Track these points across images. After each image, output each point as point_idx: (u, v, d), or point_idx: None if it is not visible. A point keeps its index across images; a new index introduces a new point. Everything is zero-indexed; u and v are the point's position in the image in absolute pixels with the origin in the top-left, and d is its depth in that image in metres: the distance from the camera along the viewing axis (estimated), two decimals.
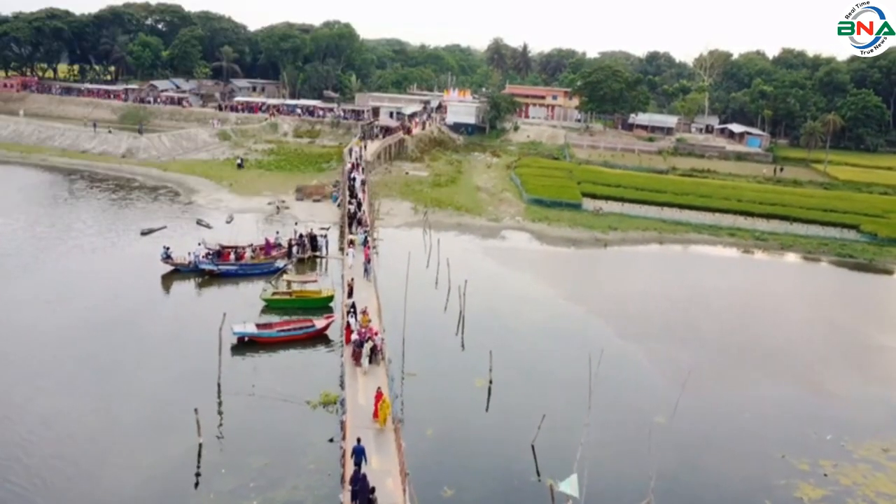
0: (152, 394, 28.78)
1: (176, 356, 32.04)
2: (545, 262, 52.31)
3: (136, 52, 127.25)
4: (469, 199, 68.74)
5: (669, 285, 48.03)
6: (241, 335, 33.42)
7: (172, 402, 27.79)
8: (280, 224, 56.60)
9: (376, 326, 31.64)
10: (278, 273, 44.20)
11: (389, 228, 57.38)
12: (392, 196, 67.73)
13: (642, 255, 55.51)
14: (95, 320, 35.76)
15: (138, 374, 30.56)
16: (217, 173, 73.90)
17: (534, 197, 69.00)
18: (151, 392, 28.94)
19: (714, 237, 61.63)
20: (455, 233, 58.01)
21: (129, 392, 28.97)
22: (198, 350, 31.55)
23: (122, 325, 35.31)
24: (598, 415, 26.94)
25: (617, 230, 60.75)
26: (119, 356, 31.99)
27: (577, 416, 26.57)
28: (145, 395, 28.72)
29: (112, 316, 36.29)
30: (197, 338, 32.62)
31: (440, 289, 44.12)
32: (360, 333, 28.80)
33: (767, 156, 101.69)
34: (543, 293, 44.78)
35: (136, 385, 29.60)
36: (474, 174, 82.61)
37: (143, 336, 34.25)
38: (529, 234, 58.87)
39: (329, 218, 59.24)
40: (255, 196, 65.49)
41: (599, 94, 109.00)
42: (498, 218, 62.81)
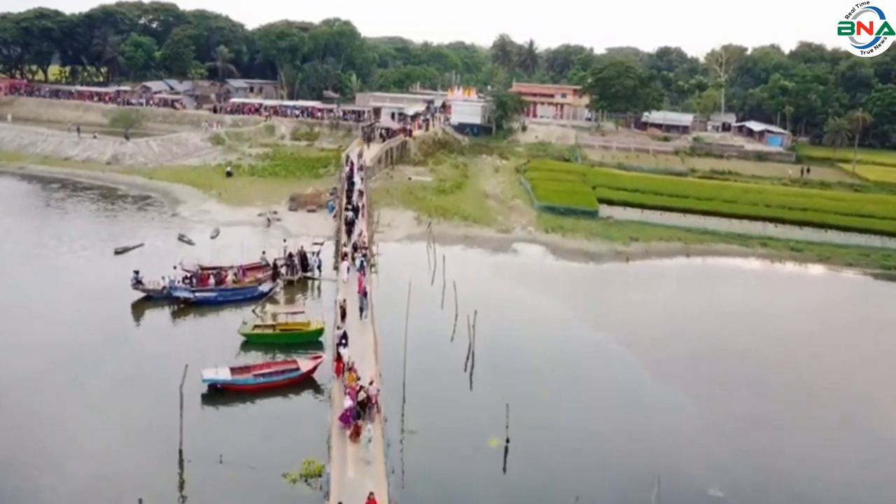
0: (94, 461, 23.83)
1: (132, 410, 27.12)
2: (562, 280, 47.21)
3: (129, 53, 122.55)
4: (476, 207, 63.68)
5: (703, 308, 42.88)
6: (213, 382, 28.47)
7: (118, 474, 22.87)
8: (270, 239, 51.75)
9: (371, 374, 26.66)
10: (263, 299, 39.27)
11: (390, 242, 52.32)
12: (393, 205, 62.71)
13: (669, 271, 50.38)
14: (39, 362, 30.72)
15: (80, 435, 25.57)
16: (206, 181, 69.01)
17: (546, 204, 63.88)
18: (94, 459, 24.00)
19: (745, 248, 56.41)
20: (462, 247, 52.98)
21: (64, 457, 24.01)
22: (160, 401, 26.57)
23: (73, 367, 30.32)
24: (642, 489, 21.92)
25: (638, 241, 55.60)
26: (61, 409, 27.03)
27: (616, 487, 21.55)
28: (85, 463, 23.78)
29: (62, 356, 31.30)
30: (160, 385, 27.59)
31: (446, 311, 39.32)
32: (349, 393, 23.78)
33: (790, 155, 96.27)
34: (562, 319, 39.74)
35: (76, 449, 24.65)
36: (481, 178, 77.53)
37: (95, 383, 29.24)
38: (543, 248, 53.78)
39: (324, 231, 54.25)
40: (245, 206, 60.55)
41: (611, 92, 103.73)
42: (508, 229, 57.73)
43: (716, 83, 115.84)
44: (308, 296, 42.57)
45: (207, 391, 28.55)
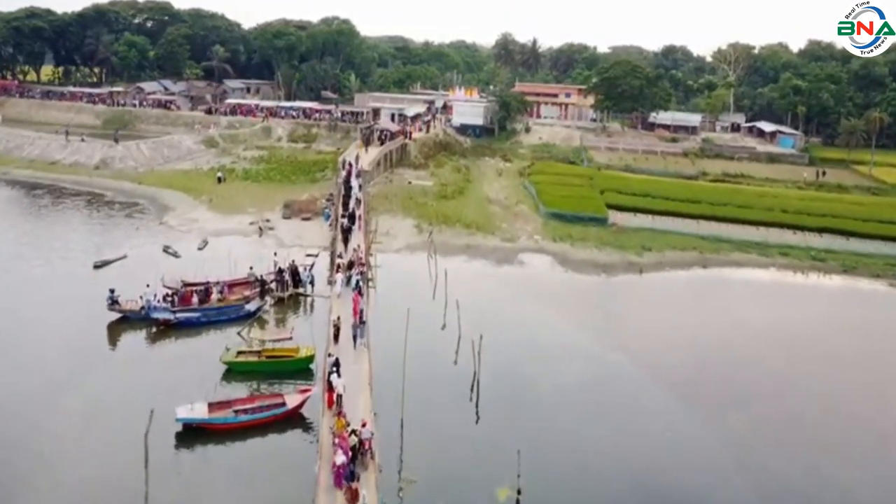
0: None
1: (93, 457, 24.08)
2: (572, 294, 44.15)
3: (122, 53, 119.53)
4: (479, 213, 60.63)
5: (727, 327, 39.65)
6: (188, 422, 25.45)
7: None
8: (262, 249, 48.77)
9: (364, 413, 23.67)
10: (251, 319, 36.28)
11: (389, 253, 49.29)
12: (392, 211, 59.69)
13: (685, 283, 47.30)
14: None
15: (30, 491, 22.51)
16: (197, 186, 66.01)
17: (552, 210, 60.80)
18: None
19: (764, 257, 53.30)
20: (465, 258, 49.95)
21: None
22: (127, 448, 23.57)
23: (27, 408, 27.09)
24: None
25: (651, 250, 52.52)
26: (10, 456, 23.96)
27: None
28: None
29: (14, 394, 28.10)
30: (128, 428, 24.46)
31: (448, 332, 36.38)
32: (339, 444, 20.72)
33: (803, 157, 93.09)
34: (575, 341, 36.70)
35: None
36: (484, 182, 74.48)
37: (50, 426, 25.96)
38: (551, 258, 50.72)
39: (318, 240, 51.28)
40: (236, 214, 57.54)
41: (617, 92, 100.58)
42: (513, 237, 54.67)
43: (725, 82, 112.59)
44: (300, 313, 39.57)
45: (182, 430, 25.53)
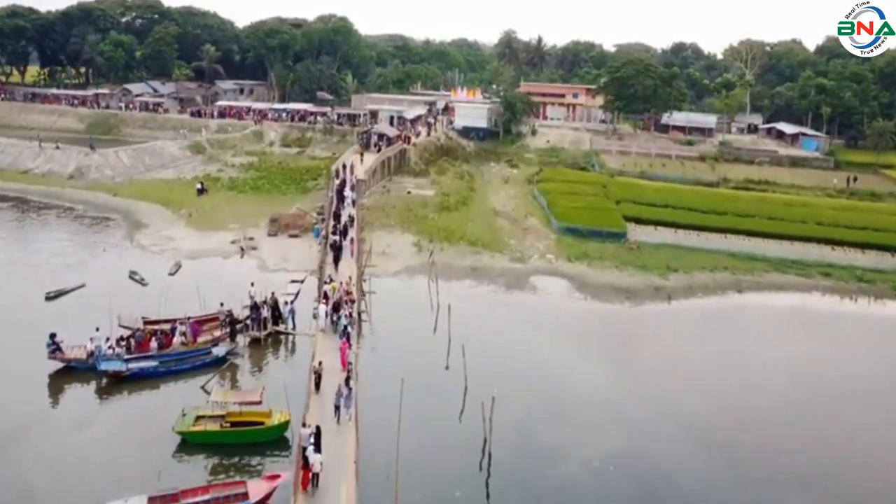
0: None
1: None
2: (595, 329, 38.47)
3: (108, 53, 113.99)
4: (486, 228, 55.10)
5: (783, 372, 33.95)
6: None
7: None
8: (243, 270, 43.37)
9: None
10: (221, 365, 30.80)
11: (385, 277, 43.81)
12: (390, 226, 54.19)
13: (722, 313, 41.60)
14: None
15: None
16: (177, 198, 60.54)
17: (566, 225, 55.22)
18: None
19: (804, 278, 47.67)
20: (470, 282, 44.41)
21: None
22: None
23: None
24: None
25: (678, 271, 46.94)
26: None
27: None
28: None
29: None
30: None
31: (453, 379, 30.93)
32: None
33: (828, 160, 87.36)
34: (602, 392, 31.12)
35: None
36: (489, 191, 68.95)
37: None
38: (567, 282, 45.13)
39: (306, 262, 45.76)
40: (216, 231, 52.07)
41: (629, 92, 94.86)
42: (524, 256, 49.10)
43: (744, 81, 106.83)
44: (279, 355, 34.05)
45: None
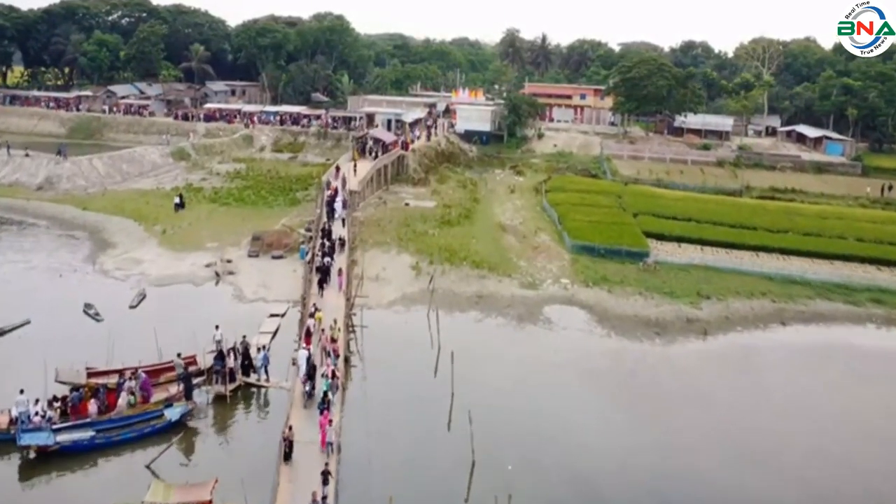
0: None
1: None
2: (623, 377, 32.79)
3: (91, 53, 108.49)
4: (491, 246, 49.59)
5: (860, 441, 28.56)
6: None
7: None
8: (219, 300, 37.95)
9: None
10: (175, 431, 25.31)
11: (379, 310, 38.34)
12: (385, 244, 48.70)
13: (768, 353, 35.93)
14: None
15: None
16: (152, 212, 55.09)
17: (580, 243, 49.70)
18: None
19: (852, 306, 42.12)
20: (476, 314, 38.89)
21: None
22: None
23: None
24: None
25: (710, 298, 41.43)
26: None
27: None
28: None
29: None
30: None
31: (456, 441, 25.53)
32: None
33: (855, 166, 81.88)
34: (634, 461, 25.59)
35: None
36: (494, 202, 63.45)
37: None
38: (586, 313, 39.58)
39: (288, 289, 40.31)
40: (192, 251, 46.59)
41: (642, 94, 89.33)
42: (535, 281, 43.59)
43: (764, 82, 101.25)
44: (250, 413, 28.57)
45: None
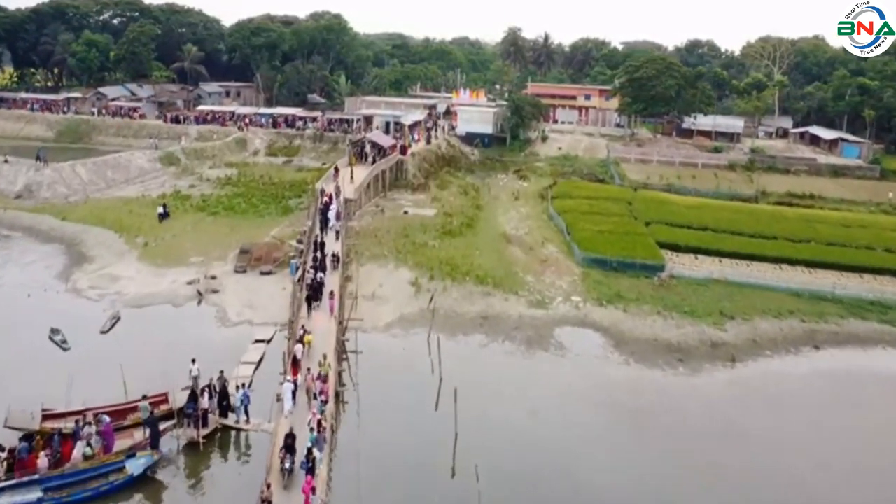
0: None
1: None
2: (641, 410, 29.52)
3: (81, 53, 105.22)
4: (496, 259, 46.31)
5: None
6: None
7: None
8: (200, 324, 34.68)
9: None
10: (138, 486, 22.03)
11: (374, 333, 35.08)
12: (382, 257, 45.45)
13: (802, 383, 32.54)
14: None
15: None
16: (135, 222, 51.86)
17: (591, 255, 46.42)
18: None
19: (890, 326, 38.75)
20: (480, 337, 35.60)
21: None
22: None
23: None
24: None
25: (735, 318, 38.13)
26: None
27: None
28: None
29: None
30: None
31: (460, 484, 22.40)
32: None
33: (873, 169, 78.44)
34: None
35: None
36: (498, 209, 60.16)
37: None
38: (601, 335, 36.29)
39: (277, 310, 37.05)
40: (174, 266, 43.35)
41: (650, 94, 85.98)
42: (545, 299, 40.30)
43: (777, 81, 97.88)
44: (228, 462, 25.28)
45: None
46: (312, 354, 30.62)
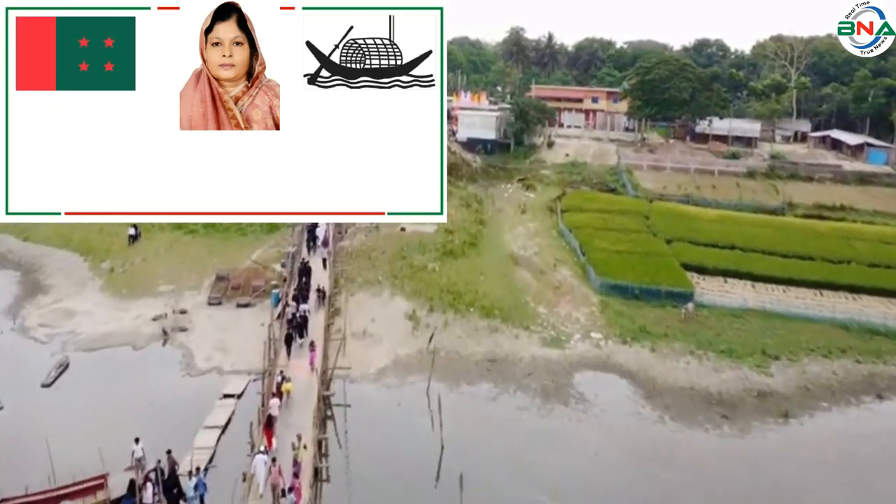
0: None
1: None
2: (684, 483, 24.53)
3: None
4: (503, 285, 41.32)
5: None
6: None
7: None
8: (160, 374, 29.72)
9: None
10: None
11: (364, 383, 30.13)
12: (376, 284, 40.51)
13: (870, 445, 27.50)
14: None
15: None
16: (105, 242, 46.74)
17: (610, 281, 41.42)
18: None
19: None
20: (488, 388, 30.62)
21: None
22: None
23: None
24: None
25: (780, 359, 33.19)
26: None
27: None
28: None
29: None
30: None
31: None
32: None
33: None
34: None
35: None
36: (503, 225, 55.19)
37: None
38: (628, 382, 31.31)
39: (252, 353, 31.95)
40: (140, 297, 38.39)
41: (663, 97, 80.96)
42: (560, 335, 35.31)
43: (800, 82, 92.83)
44: None
45: None
46: (291, 407, 25.86)
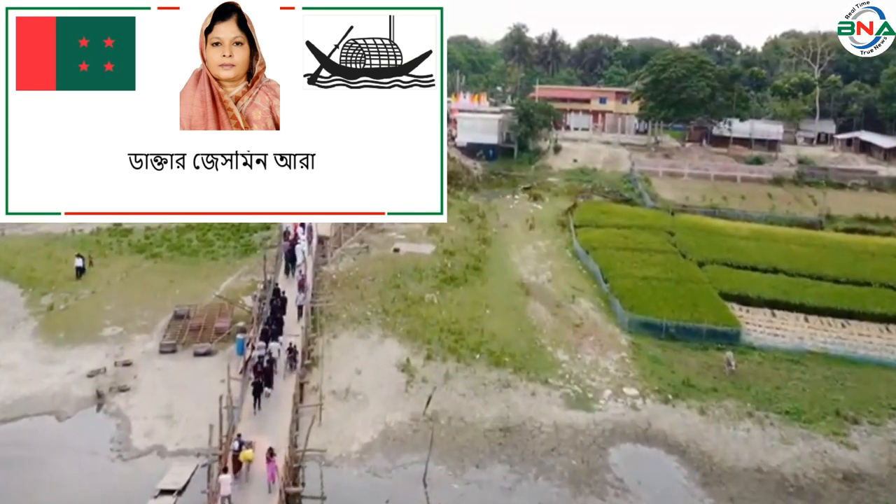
0: None
1: None
2: None
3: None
4: (514, 322, 35.00)
5: None
6: None
7: None
8: (71, 464, 23.31)
9: None
10: None
11: (344, 466, 23.66)
12: (364, 321, 34.22)
13: None
14: None
15: None
16: (51, 271, 40.45)
17: (640, 318, 35.00)
18: None
19: None
20: (502, 471, 24.08)
21: None
22: None
23: None
24: None
25: (858, 422, 26.89)
26: None
27: None
28: None
29: None
30: None
31: None
32: None
33: None
34: None
35: None
36: (510, 244, 48.83)
37: None
38: (677, 461, 24.84)
39: (206, 422, 25.41)
40: (79, 343, 31.92)
41: (679, 98, 74.61)
42: (586, 391, 28.90)
43: (830, 80, 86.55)
44: None
45: None
46: (249, 488, 19.65)
